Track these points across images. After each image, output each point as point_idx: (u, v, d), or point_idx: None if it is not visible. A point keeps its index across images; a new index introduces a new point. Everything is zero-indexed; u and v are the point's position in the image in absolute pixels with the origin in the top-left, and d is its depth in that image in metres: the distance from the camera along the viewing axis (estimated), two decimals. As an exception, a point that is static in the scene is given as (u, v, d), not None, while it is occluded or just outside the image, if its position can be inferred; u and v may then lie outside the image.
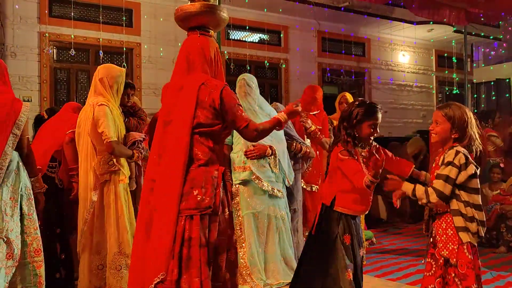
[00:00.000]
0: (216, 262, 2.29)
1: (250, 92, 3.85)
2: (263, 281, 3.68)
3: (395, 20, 8.36)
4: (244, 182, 3.77)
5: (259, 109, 3.87)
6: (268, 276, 3.73)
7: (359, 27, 8.78)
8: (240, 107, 2.31)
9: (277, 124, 2.38)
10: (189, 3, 2.44)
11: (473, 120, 2.41)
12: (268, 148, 3.61)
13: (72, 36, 6.12)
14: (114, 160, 3.20)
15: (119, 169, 3.23)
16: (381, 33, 9.17)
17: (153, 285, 2.13)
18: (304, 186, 4.34)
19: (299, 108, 2.47)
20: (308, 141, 4.31)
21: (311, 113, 4.49)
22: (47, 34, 6.02)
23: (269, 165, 3.81)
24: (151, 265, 2.17)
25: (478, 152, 2.41)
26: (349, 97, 4.85)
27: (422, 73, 10.12)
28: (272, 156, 3.75)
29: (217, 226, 2.25)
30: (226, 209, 2.38)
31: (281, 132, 3.94)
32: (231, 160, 3.82)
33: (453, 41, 9.23)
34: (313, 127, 4.14)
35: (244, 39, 7.80)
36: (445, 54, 10.13)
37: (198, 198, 2.19)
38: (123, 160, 3.29)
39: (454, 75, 9.04)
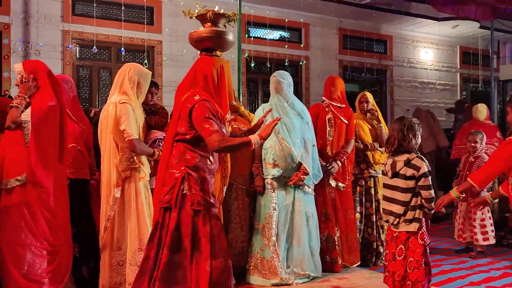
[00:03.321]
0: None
1: (281, 89, 3.93)
2: (293, 272, 3.81)
3: (418, 16, 8.20)
4: (275, 178, 3.87)
5: (289, 107, 3.91)
6: (295, 265, 3.84)
7: (380, 24, 8.64)
8: (210, 120, 2.56)
9: (245, 145, 2.62)
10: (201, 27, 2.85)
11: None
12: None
13: (95, 34, 6.20)
14: (135, 157, 3.23)
15: (140, 166, 3.26)
16: (403, 30, 9.01)
17: None
18: (331, 182, 4.21)
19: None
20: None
21: (337, 104, 4.32)
22: (70, 33, 6.11)
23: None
24: None
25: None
26: (369, 96, 4.60)
27: (446, 70, 9.91)
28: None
29: (175, 218, 2.57)
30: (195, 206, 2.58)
31: (312, 134, 3.95)
32: (262, 157, 3.92)
33: (478, 28, 8.80)
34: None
35: (264, 37, 7.77)
36: (471, 51, 9.89)
37: (162, 195, 2.64)
38: (143, 158, 3.31)
39: (477, 62, 8.74)
